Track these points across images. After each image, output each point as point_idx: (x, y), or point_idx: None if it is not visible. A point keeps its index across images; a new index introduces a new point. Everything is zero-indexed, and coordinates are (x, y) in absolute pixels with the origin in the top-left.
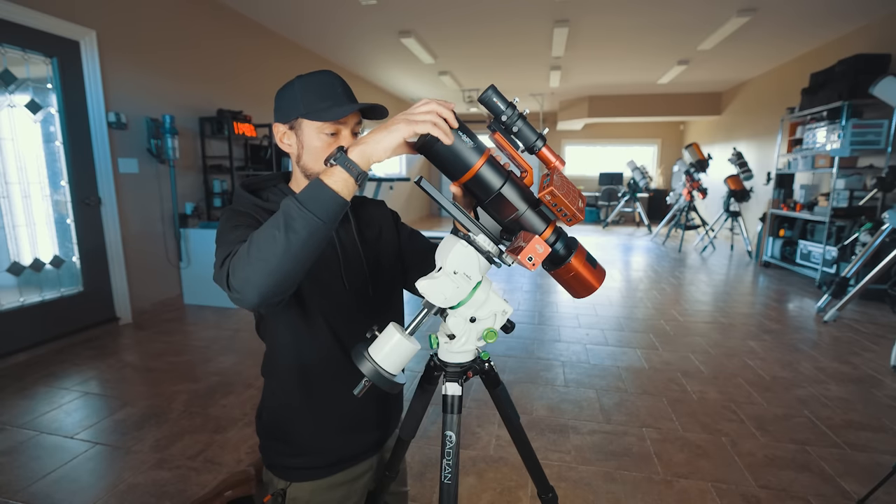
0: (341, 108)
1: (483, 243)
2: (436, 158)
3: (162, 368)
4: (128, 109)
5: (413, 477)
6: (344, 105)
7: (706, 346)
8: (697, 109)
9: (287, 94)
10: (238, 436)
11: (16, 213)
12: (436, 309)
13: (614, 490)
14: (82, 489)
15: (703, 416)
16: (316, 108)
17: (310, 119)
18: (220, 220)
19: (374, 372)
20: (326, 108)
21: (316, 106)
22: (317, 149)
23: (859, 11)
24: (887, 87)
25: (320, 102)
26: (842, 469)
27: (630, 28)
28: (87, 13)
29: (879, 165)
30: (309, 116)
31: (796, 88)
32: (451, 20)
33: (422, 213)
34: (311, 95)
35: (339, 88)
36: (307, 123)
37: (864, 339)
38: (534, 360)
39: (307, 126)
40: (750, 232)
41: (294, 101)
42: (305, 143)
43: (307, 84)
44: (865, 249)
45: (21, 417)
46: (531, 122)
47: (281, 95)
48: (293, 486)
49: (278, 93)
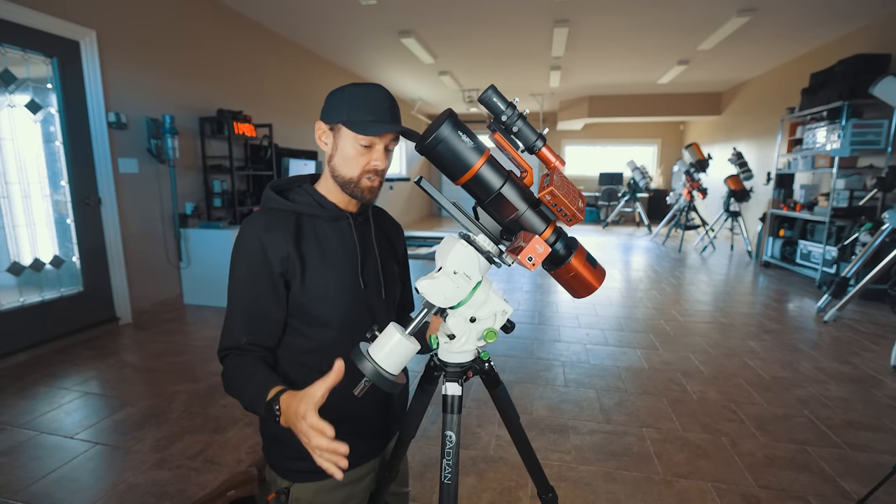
0: (381, 125)
1: (483, 243)
2: (436, 159)
3: (162, 368)
4: (128, 109)
5: (413, 477)
6: (386, 123)
7: (706, 346)
8: (697, 109)
9: (336, 97)
10: (238, 436)
11: (16, 213)
12: (436, 309)
13: (614, 490)
14: (82, 489)
15: (703, 416)
16: (358, 119)
17: (349, 128)
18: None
19: (374, 372)
20: (368, 122)
21: (359, 117)
22: (349, 155)
23: (859, 11)
24: (887, 87)
25: (364, 115)
26: (842, 469)
27: (630, 28)
28: (87, 13)
29: (879, 165)
30: (349, 125)
31: (796, 88)
32: (451, 20)
33: (422, 213)
34: (356, 105)
35: (385, 104)
36: (346, 131)
37: (864, 339)
38: (534, 360)
39: (345, 133)
40: (750, 232)
41: (340, 106)
42: (340, 148)
43: (356, 93)
44: (865, 249)
45: (21, 417)
46: (531, 122)
47: (330, 97)
48: (296, 486)
49: (329, 94)
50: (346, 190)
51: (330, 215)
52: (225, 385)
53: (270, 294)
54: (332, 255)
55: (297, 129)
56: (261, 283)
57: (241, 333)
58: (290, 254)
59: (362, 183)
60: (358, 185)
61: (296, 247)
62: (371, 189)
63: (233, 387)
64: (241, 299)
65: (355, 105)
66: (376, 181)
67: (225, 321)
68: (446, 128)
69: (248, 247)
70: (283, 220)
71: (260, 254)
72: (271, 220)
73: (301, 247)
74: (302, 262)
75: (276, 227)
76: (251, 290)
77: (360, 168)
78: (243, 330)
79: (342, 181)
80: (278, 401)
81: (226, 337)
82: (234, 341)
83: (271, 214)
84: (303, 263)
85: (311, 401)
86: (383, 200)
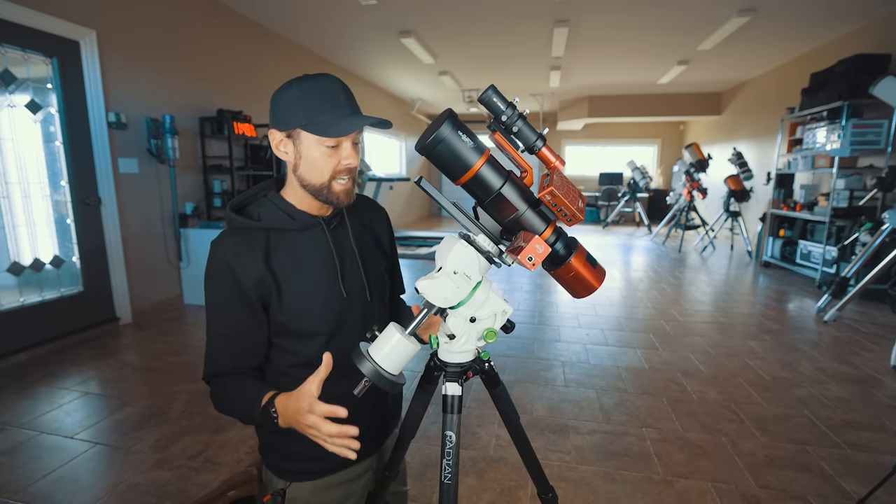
0: (345, 122)
1: (483, 243)
2: (436, 159)
3: (162, 368)
4: (128, 109)
5: (413, 477)
6: (347, 117)
7: (706, 346)
8: (697, 109)
9: (284, 99)
10: (238, 436)
11: (16, 213)
12: (436, 309)
13: (614, 490)
14: (82, 489)
15: (703, 416)
16: (317, 121)
17: (310, 132)
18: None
19: (374, 372)
20: (329, 122)
21: (317, 118)
22: (316, 160)
23: (859, 11)
24: (887, 87)
25: (322, 114)
26: (842, 469)
27: (630, 28)
28: (86, 13)
29: (879, 165)
30: (309, 129)
31: (796, 88)
32: (450, 20)
33: (422, 213)
34: (311, 105)
35: (341, 97)
36: (306, 135)
37: (864, 339)
38: (534, 360)
39: (306, 137)
40: (750, 232)
41: (292, 108)
42: (304, 154)
43: (307, 90)
44: (865, 249)
45: (21, 417)
46: (531, 122)
47: (277, 100)
48: (293, 486)
49: (274, 96)
50: (319, 197)
51: (301, 225)
52: (216, 406)
53: (247, 319)
54: (307, 268)
55: None
56: (235, 309)
57: (224, 361)
58: (262, 276)
59: (334, 187)
60: (331, 191)
61: (267, 267)
62: (346, 192)
63: (224, 407)
64: (219, 327)
65: (309, 104)
66: (349, 182)
67: (206, 347)
68: (446, 128)
69: (218, 274)
70: (250, 240)
71: (231, 281)
72: (238, 243)
73: (272, 265)
74: (276, 281)
75: (244, 251)
76: (227, 318)
77: (330, 171)
78: (226, 358)
79: (313, 189)
80: (273, 404)
81: (209, 364)
82: (216, 369)
83: (237, 235)
84: (277, 283)
85: (308, 395)
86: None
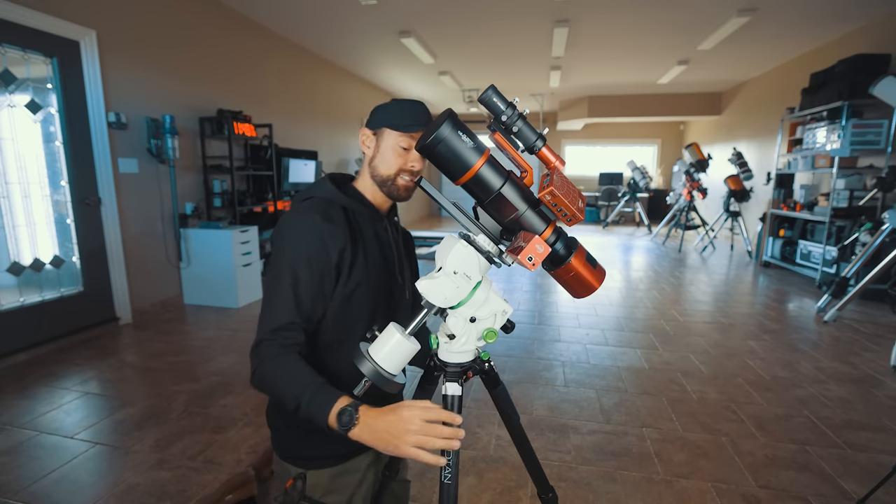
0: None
1: (483, 243)
2: (436, 159)
3: (162, 368)
4: (128, 109)
5: (413, 477)
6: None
7: (706, 346)
8: (697, 109)
9: (383, 108)
10: (238, 436)
11: (16, 213)
12: (436, 309)
13: (614, 490)
14: (82, 489)
15: (703, 416)
16: (400, 123)
17: (392, 129)
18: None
19: (374, 372)
20: (407, 126)
21: (401, 121)
22: (388, 155)
23: (859, 11)
24: (887, 87)
25: (406, 120)
26: (842, 469)
27: (630, 28)
28: (86, 13)
29: (879, 165)
30: (391, 127)
31: (796, 88)
32: (450, 20)
33: (422, 213)
34: (400, 113)
35: (423, 116)
36: (388, 133)
37: (864, 339)
38: (534, 360)
39: (388, 134)
40: (750, 232)
41: (385, 113)
42: (381, 148)
43: (400, 104)
44: (865, 249)
45: (21, 417)
46: (531, 122)
47: (377, 109)
48: (311, 473)
49: (375, 108)
50: (384, 188)
51: (371, 214)
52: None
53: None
54: (371, 254)
55: (298, 129)
56: (316, 265)
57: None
58: (346, 246)
59: (398, 181)
60: (395, 183)
61: (351, 239)
62: (406, 188)
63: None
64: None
65: (399, 113)
66: (411, 181)
67: (264, 308)
68: (446, 128)
69: (309, 231)
70: (336, 215)
71: (319, 242)
72: (328, 213)
73: (354, 241)
74: (353, 255)
75: (334, 219)
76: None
77: (397, 166)
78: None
79: (380, 179)
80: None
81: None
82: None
83: (325, 205)
84: (353, 256)
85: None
86: None
